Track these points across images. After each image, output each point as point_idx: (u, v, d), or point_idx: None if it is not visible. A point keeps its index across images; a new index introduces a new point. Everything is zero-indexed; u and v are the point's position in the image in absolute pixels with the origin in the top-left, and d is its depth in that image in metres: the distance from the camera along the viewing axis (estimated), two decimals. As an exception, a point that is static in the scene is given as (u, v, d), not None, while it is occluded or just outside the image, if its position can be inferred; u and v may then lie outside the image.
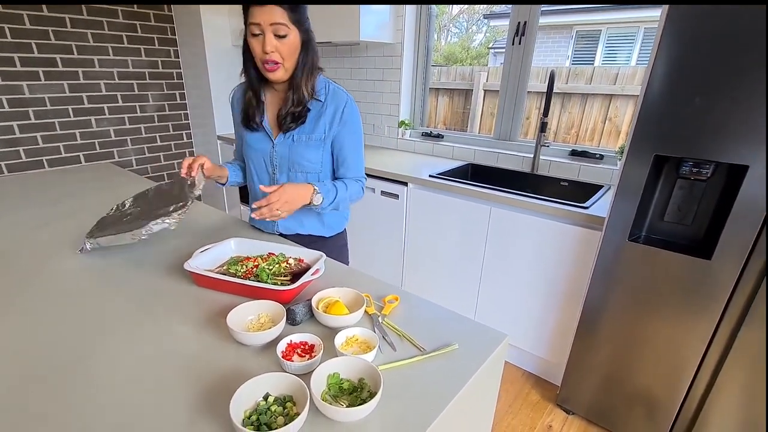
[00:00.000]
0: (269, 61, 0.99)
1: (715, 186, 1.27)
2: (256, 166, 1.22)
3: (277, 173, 1.19)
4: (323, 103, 1.13)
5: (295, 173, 1.18)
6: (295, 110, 1.10)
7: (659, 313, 1.37)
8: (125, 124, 2.78)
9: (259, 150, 1.18)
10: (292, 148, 1.15)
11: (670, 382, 1.41)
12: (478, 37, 9.97)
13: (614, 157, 2.00)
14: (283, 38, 0.98)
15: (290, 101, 1.09)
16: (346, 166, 1.20)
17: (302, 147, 1.14)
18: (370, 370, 0.65)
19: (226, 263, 0.99)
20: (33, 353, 0.73)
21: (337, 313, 0.80)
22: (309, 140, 1.14)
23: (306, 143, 1.14)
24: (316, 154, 1.15)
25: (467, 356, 0.75)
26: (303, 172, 1.17)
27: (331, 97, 1.14)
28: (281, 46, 0.98)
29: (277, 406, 0.59)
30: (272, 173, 1.20)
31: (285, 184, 1.04)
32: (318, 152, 1.15)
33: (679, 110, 1.20)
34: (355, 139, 1.18)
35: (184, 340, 0.78)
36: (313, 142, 1.14)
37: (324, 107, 1.13)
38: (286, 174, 1.19)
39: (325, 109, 1.13)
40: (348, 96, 1.15)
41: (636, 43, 5.64)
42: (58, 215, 1.39)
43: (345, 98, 1.14)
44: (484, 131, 4.18)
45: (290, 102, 1.09)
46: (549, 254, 1.68)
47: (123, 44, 2.64)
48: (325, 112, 1.13)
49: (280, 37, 0.97)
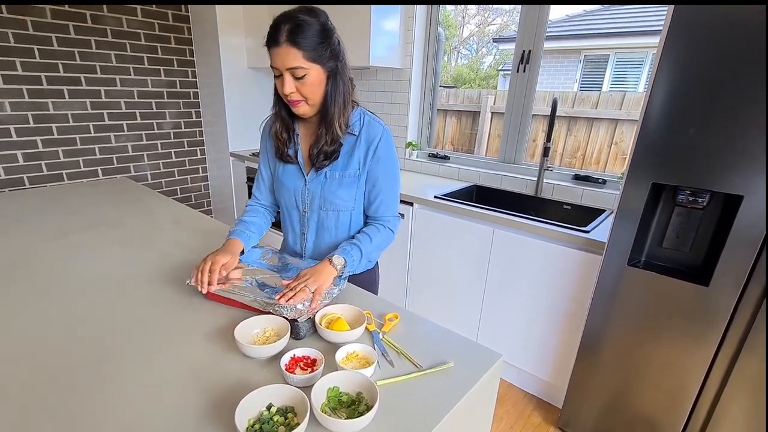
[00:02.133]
0: (291, 100, 1.00)
1: (711, 214, 1.29)
2: (287, 202, 1.17)
3: (307, 211, 1.15)
4: (357, 137, 1.08)
5: (326, 211, 1.13)
6: (328, 149, 1.05)
7: (659, 337, 1.38)
8: (142, 140, 2.88)
9: (291, 187, 1.14)
10: (324, 185, 1.10)
11: (671, 407, 1.41)
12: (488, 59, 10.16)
13: (617, 182, 2.04)
14: (302, 78, 0.95)
15: (323, 140, 1.05)
16: (378, 204, 1.13)
17: (335, 185, 1.09)
18: (368, 384, 0.68)
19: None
20: (48, 353, 0.78)
21: (338, 329, 0.84)
22: (342, 177, 1.09)
23: (339, 181, 1.09)
24: (350, 192, 1.10)
25: (462, 374, 0.78)
26: (335, 210, 1.12)
27: (366, 129, 1.08)
28: (301, 86, 0.96)
29: (279, 416, 0.63)
30: (302, 210, 1.15)
31: (302, 271, 0.99)
32: (351, 190, 1.10)
33: (676, 139, 1.23)
34: (389, 175, 1.11)
35: (192, 349, 0.82)
36: (346, 179, 1.09)
37: (358, 141, 1.07)
38: (317, 212, 1.14)
39: (360, 143, 1.07)
40: (384, 128, 1.09)
41: (644, 67, 5.70)
42: (77, 226, 1.46)
43: (380, 131, 1.08)
44: (491, 153, 4.23)
45: (323, 140, 1.05)
46: (550, 277, 1.71)
47: (144, 65, 2.76)
48: (358, 147, 1.07)
49: (298, 78, 0.95)
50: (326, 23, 0.96)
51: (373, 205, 1.14)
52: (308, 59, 0.93)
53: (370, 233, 1.11)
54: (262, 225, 1.21)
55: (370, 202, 1.14)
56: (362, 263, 1.10)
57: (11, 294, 1.01)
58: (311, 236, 1.18)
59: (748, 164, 1.13)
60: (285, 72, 0.94)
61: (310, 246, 1.19)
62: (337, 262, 1.01)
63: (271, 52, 0.94)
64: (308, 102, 1.00)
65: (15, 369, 0.75)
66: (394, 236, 1.17)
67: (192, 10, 2.88)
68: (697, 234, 1.34)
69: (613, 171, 2.51)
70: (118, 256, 1.25)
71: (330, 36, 0.97)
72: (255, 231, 1.17)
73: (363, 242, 1.08)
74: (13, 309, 0.95)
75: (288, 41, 0.91)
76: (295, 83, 0.96)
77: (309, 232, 1.17)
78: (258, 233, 1.19)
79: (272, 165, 1.19)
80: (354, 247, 1.06)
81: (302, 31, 0.91)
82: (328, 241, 1.16)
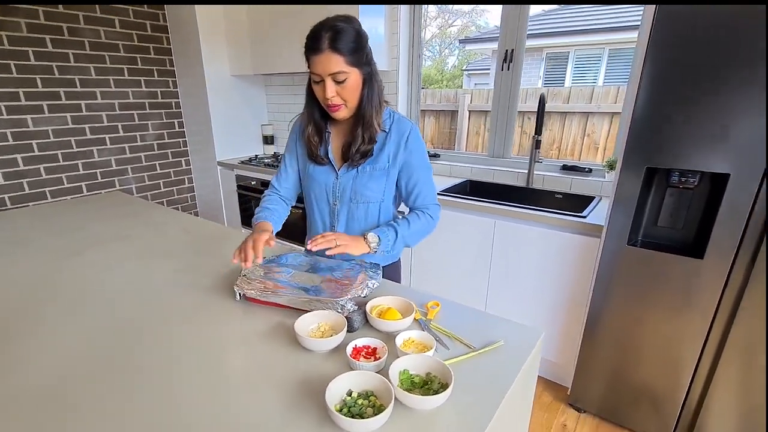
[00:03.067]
0: (332, 105, 1.03)
1: (701, 193, 1.41)
2: (318, 196, 1.22)
3: (338, 203, 1.19)
4: (388, 132, 1.13)
5: (356, 204, 1.17)
6: (366, 148, 1.10)
7: (659, 311, 1.49)
8: (126, 153, 2.81)
9: (322, 182, 1.19)
10: (356, 179, 1.15)
11: (672, 377, 1.52)
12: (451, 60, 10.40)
13: (602, 170, 2.16)
14: (343, 83, 0.99)
15: (361, 138, 1.09)
16: (416, 194, 1.18)
17: (366, 178, 1.14)
18: (437, 365, 0.73)
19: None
20: (109, 368, 0.78)
21: (390, 318, 0.88)
22: (373, 171, 1.14)
23: (370, 174, 1.14)
24: (379, 184, 1.15)
25: (513, 351, 0.83)
26: (365, 202, 1.17)
27: (396, 126, 1.14)
28: (342, 90, 1.01)
29: (362, 400, 0.66)
30: (333, 204, 1.20)
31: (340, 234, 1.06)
32: (381, 182, 1.15)
33: (665, 126, 1.34)
34: (423, 166, 1.17)
35: (253, 351, 0.84)
36: (377, 172, 1.14)
37: (388, 137, 1.13)
38: (347, 204, 1.19)
39: (389, 139, 1.13)
40: (412, 124, 1.15)
41: (602, 63, 5.99)
42: (87, 243, 1.42)
43: (409, 127, 1.14)
44: (471, 148, 4.35)
45: (360, 139, 1.09)
46: (552, 262, 1.80)
47: (124, 76, 2.70)
48: (388, 142, 1.13)
49: (339, 83, 0.99)
50: (360, 30, 1.01)
51: (412, 196, 1.19)
52: (348, 64, 0.98)
53: (409, 218, 1.16)
54: (282, 213, 1.26)
55: (408, 193, 1.19)
56: (398, 245, 1.13)
57: (49, 314, 0.99)
58: (341, 228, 1.22)
59: (733, 144, 1.25)
60: (327, 77, 0.98)
61: None
62: (371, 240, 1.07)
63: (313, 59, 0.98)
64: (347, 105, 1.04)
65: (82, 383, 0.75)
66: (436, 223, 1.21)
67: (170, 19, 2.84)
68: (688, 212, 1.46)
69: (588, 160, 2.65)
70: (143, 269, 1.24)
71: (365, 41, 1.02)
72: (278, 217, 1.22)
73: (401, 225, 1.13)
74: (58, 328, 0.93)
75: (330, 48, 0.95)
76: (336, 88, 0.99)
77: (339, 225, 1.22)
78: (280, 220, 1.23)
79: (301, 163, 1.24)
80: (390, 228, 1.11)
81: (342, 37, 0.95)
82: (357, 231, 1.20)
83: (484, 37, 7.36)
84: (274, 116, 3.30)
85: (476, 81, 8.83)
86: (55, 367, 0.79)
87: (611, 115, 3.23)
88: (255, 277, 1.03)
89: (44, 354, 0.83)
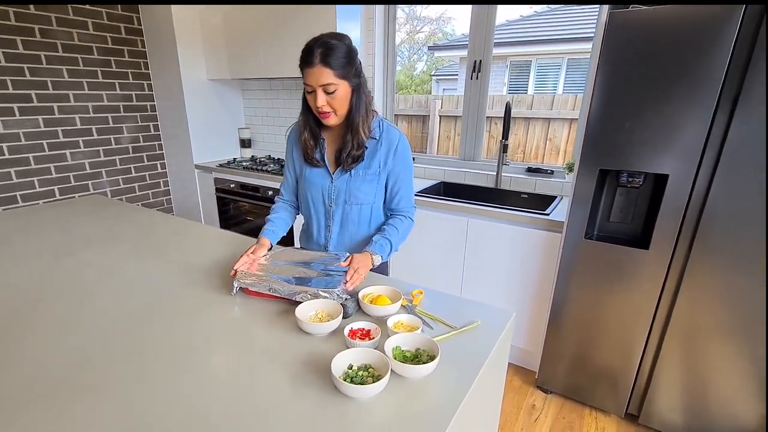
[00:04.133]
0: (322, 112, 1.14)
1: (646, 191, 1.60)
2: (314, 198, 1.32)
3: (333, 205, 1.30)
4: (378, 140, 1.24)
5: (350, 205, 1.29)
6: (356, 153, 1.21)
7: (612, 297, 1.67)
8: (100, 157, 2.79)
9: (318, 185, 1.29)
10: (349, 182, 1.26)
11: (625, 357, 1.71)
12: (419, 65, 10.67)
13: (563, 171, 2.36)
14: (332, 93, 1.10)
15: (350, 144, 1.20)
16: (400, 197, 1.31)
17: (359, 181, 1.26)
18: (425, 341, 0.85)
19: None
20: (124, 365, 0.85)
21: (382, 304, 0.99)
22: (365, 175, 1.25)
23: (363, 178, 1.25)
24: (371, 187, 1.27)
25: (488, 329, 0.96)
26: (357, 204, 1.29)
27: (385, 134, 1.25)
28: (331, 100, 1.11)
29: (362, 372, 0.77)
30: (328, 205, 1.31)
31: (352, 257, 1.16)
32: (373, 185, 1.27)
33: (615, 132, 1.52)
34: (408, 172, 1.30)
35: (258, 339, 0.93)
36: (369, 176, 1.26)
37: (379, 144, 1.24)
38: (341, 206, 1.30)
39: (380, 146, 1.24)
40: (400, 133, 1.27)
41: (561, 72, 6.34)
42: (76, 246, 1.46)
43: (398, 135, 1.26)
44: (442, 152, 4.53)
45: (350, 145, 1.20)
46: (520, 256, 1.96)
47: (98, 79, 2.68)
48: (380, 149, 1.24)
49: (329, 93, 1.10)
50: (351, 45, 1.12)
51: (395, 199, 1.32)
52: (338, 77, 1.09)
53: (396, 225, 1.29)
54: (288, 219, 1.40)
55: (392, 196, 1.32)
56: (390, 254, 1.28)
57: (52, 312, 1.04)
58: (336, 228, 1.33)
59: (672, 149, 1.44)
60: (318, 88, 1.09)
61: (334, 238, 1.34)
62: (375, 260, 1.20)
63: (306, 71, 1.09)
64: (336, 113, 1.15)
65: (93, 375, 0.82)
66: (413, 224, 1.36)
67: (145, 23, 2.84)
68: (635, 208, 1.65)
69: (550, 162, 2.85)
70: (140, 269, 1.29)
71: (354, 56, 1.13)
72: (281, 226, 1.36)
73: (392, 235, 1.26)
74: (66, 326, 0.99)
75: (321, 62, 1.05)
76: (326, 98, 1.10)
77: (334, 225, 1.33)
78: (284, 227, 1.37)
79: (298, 168, 1.35)
80: (386, 242, 1.25)
81: (332, 53, 1.06)
82: (351, 231, 1.33)
83: (453, 44, 7.60)
84: (251, 120, 3.34)
85: (445, 86, 9.09)
86: (59, 367, 0.85)
87: (570, 121, 3.48)
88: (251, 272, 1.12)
89: (48, 351, 0.89)
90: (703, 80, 1.33)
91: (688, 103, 1.37)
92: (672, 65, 1.37)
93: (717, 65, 1.30)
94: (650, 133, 1.46)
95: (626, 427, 1.75)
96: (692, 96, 1.36)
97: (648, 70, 1.41)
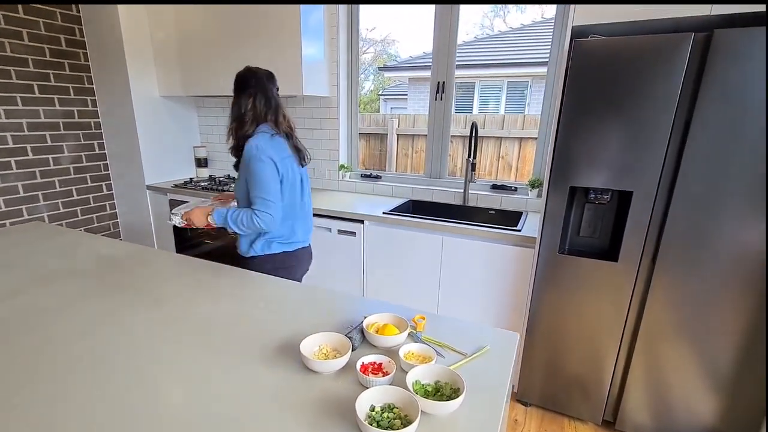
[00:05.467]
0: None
1: (612, 207, 1.70)
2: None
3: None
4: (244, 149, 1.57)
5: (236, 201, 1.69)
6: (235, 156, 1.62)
7: (586, 308, 1.75)
8: (36, 179, 2.51)
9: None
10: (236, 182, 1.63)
11: (599, 365, 1.78)
12: (367, 84, 10.93)
13: (526, 188, 2.46)
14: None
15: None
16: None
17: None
18: (443, 371, 0.82)
19: None
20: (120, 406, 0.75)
21: (389, 333, 0.95)
22: (239, 178, 1.60)
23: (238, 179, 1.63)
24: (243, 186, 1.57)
25: (499, 353, 0.96)
26: (236, 200, 1.66)
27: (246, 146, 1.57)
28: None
29: (387, 413, 0.73)
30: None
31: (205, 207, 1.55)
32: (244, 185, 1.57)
33: (583, 152, 1.61)
34: (251, 176, 1.50)
35: (259, 375, 0.86)
36: (240, 180, 1.60)
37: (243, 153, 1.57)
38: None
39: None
40: (249, 145, 1.48)
41: (502, 93, 6.72)
42: (23, 284, 1.28)
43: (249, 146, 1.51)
44: (401, 170, 4.60)
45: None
46: (494, 271, 2.00)
47: (34, 94, 2.43)
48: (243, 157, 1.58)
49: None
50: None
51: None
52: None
53: (240, 210, 1.48)
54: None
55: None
56: (224, 222, 1.47)
57: (11, 368, 0.90)
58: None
59: (636, 168, 1.54)
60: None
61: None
62: (210, 218, 1.49)
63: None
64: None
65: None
66: (259, 222, 1.42)
67: (89, 35, 2.63)
68: (603, 223, 1.74)
69: (503, 179, 2.96)
70: (107, 307, 1.15)
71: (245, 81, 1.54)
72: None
73: (232, 212, 1.47)
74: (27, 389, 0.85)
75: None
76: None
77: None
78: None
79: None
80: (224, 212, 1.48)
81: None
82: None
83: (401, 65, 7.85)
84: (208, 138, 3.18)
85: (392, 105, 9.31)
86: None
87: (520, 140, 3.69)
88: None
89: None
90: (659, 103, 1.44)
91: (647, 124, 1.48)
92: (631, 89, 1.48)
93: (671, 89, 1.42)
94: (615, 153, 1.56)
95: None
96: (650, 118, 1.47)
97: (612, 93, 1.51)
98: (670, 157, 1.50)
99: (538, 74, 5.94)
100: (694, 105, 1.40)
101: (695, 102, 1.40)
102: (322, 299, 1.23)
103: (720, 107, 1.36)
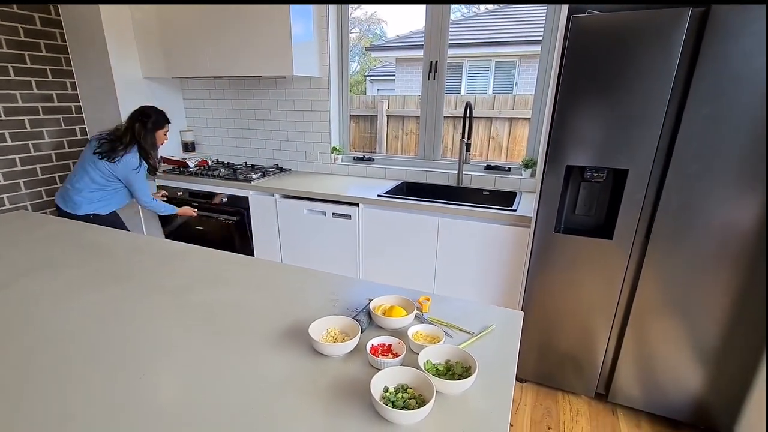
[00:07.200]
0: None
1: (608, 185, 1.72)
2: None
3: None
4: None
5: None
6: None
7: (581, 285, 1.78)
8: (17, 166, 2.42)
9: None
10: None
11: (593, 340, 1.83)
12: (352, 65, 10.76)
13: (519, 168, 2.46)
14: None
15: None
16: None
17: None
18: (453, 351, 0.83)
19: None
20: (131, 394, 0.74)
21: (397, 315, 0.95)
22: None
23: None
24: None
25: (504, 332, 0.97)
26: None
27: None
28: None
29: (401, 393, 0.73)
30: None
31: None
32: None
33: (580, 130, 1.61)
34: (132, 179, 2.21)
35: (268, 362, 0.85)
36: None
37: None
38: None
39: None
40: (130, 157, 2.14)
41: (490, 74, 6.66)
42: (12, 274, 1.24)
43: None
44: (391, 152, 4.57)
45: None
46: (490, 250, 2.02)
47: (9, 76, 2.32)
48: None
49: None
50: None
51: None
52: None
53: None
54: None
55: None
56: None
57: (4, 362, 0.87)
58: None
59: (631, 146, 1.55)
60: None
61: None
62: None
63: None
64: None
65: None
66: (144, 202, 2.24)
67: (65, 14, 2.50)
68: (598, 201, 1.76)
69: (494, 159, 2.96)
70: (103, 297, 1.13)
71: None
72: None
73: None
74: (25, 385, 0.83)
75: None
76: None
77: None
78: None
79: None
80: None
81: None
82: None
83: (388, 45, 7.69)
84: (194, 122, 3.10)
85: (379, 87, 9.17)
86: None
87: (510, 120, 3.68)
88: None
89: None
90: (656, 80, 1.44)
91: (644, 100, 1.48)
92: (629, 65, 1.47)
93: (668, 65, 1.42)
94: (612, 131, 1.56)
95: (596, 405, 1.88)
96: (646, 94, 1.47)
97: (609, 70, 1.50)
98: (665, 135, 1.51)
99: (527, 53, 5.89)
100: (690, 82, 1.41)
101: (691, 79, 1.40)
102: (323, 282, 1.22)
103: (716, 83, 1.37)
